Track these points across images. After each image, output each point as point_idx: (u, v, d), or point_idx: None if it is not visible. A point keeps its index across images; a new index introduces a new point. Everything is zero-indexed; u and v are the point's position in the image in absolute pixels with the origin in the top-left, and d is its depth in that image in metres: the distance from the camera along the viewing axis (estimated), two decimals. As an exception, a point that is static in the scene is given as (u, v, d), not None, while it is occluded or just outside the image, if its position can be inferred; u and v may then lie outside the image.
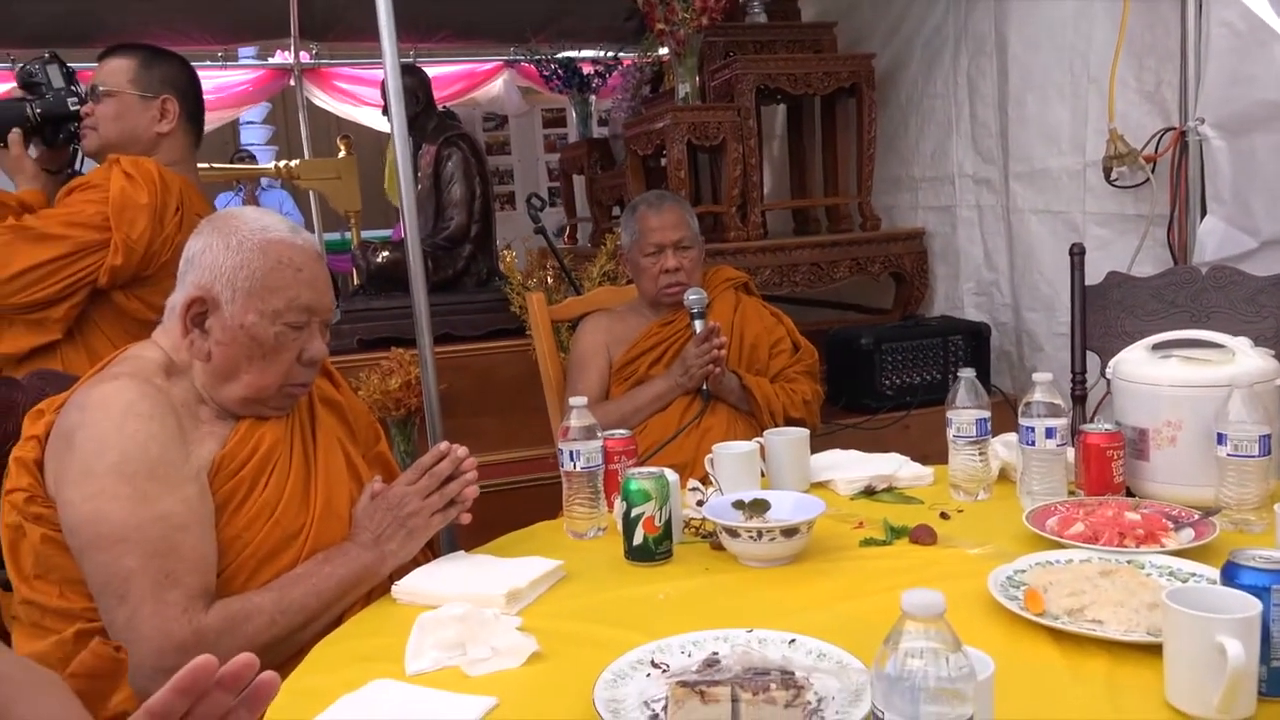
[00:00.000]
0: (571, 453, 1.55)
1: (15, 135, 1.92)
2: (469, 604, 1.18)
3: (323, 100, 5.37)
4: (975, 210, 3.40)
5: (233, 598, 1.25)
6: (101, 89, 2.00)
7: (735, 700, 0.93)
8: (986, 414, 1.60)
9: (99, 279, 1.86)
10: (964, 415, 1.60)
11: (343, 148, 4.77)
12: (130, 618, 1.17)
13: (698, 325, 2.12)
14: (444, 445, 1.44)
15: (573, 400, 1.60)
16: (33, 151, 2.05)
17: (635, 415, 2.14)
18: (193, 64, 2.18)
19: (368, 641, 1.22)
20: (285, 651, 1.26)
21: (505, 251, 3.92)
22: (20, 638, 1.29)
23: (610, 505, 1.59)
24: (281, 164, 4.50)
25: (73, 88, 2.08)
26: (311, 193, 5.05)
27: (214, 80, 4.88)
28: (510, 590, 1.26)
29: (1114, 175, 2.66)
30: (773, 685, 0.93)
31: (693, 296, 2.13)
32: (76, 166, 2.19)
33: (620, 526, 1.49)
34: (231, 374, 1.34)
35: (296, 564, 1.32)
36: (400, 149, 2.26)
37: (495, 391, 3.36)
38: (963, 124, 3.42)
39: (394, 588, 1.33)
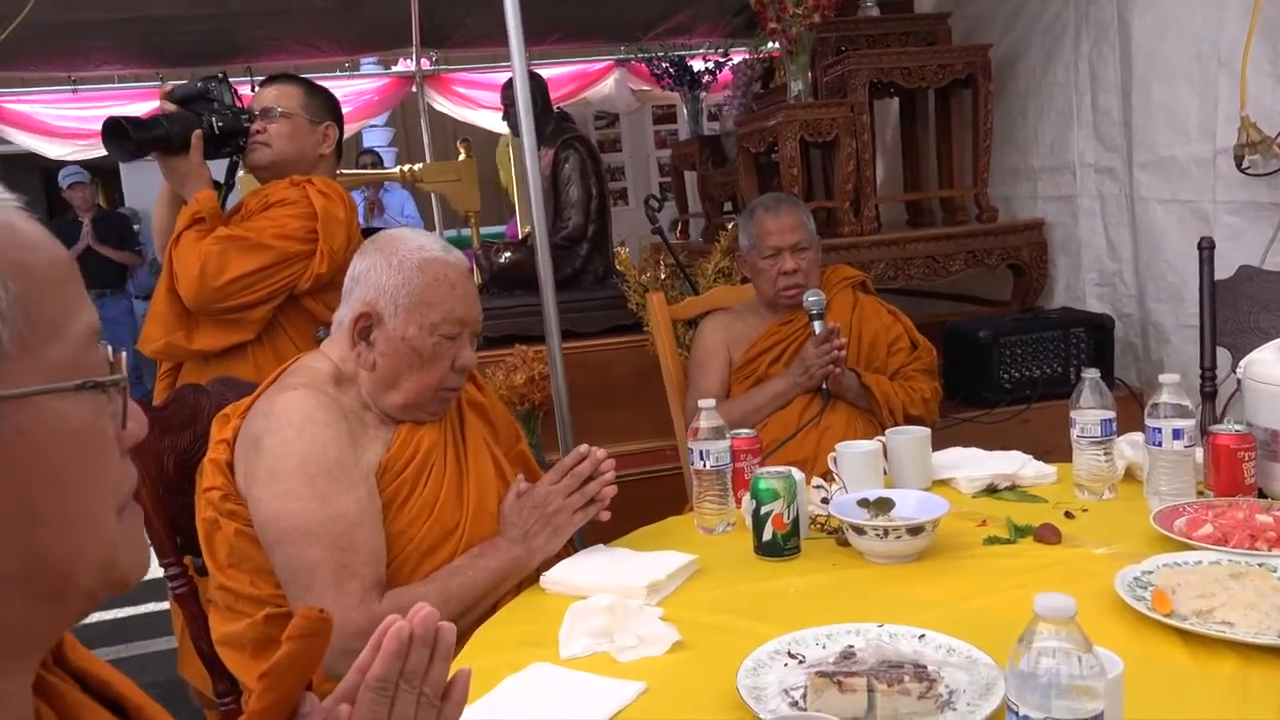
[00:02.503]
0: (702, 452, 1.63)
1: (197, 143, 2.10)
2: (614, 595, 1.28)
3: (443, 105, 5.58)
4: (1097, 200, 3.34)
5: (401, 588, 1.38)
6: (279, 110, 2.18)
7: (871, 691, 1.00)
8: (1111, 414, 1.62)
9: (298, 285, 2.08)
10: (1088, 415, 1.62)
11: (462, 151, 4.96)
12: (315, 605, 1.31)
13: (817, 326, 2.17)
14: (584, 448, 1.54)
15: (702, 403, 1.68)
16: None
17: (756, 414, 2.21)
18: (321, 75, 2.37)
19: (522, 628, 1.33)
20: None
21: (620, 249, 4.03)
22: (216, 619, 1.45)
23: (738, 502, 1.67)
24: (406, 168, 4.70)
25: (239, 106, 2.27)
26: (433, 194, 5.25)
27: (343, 90, 5.11)
28: (651, 582, 1.36)
29: (1246, 164, 2.58)
30: (906, 678, 0.99)
31: (811, 298, 2.19)
32: (234, 180, 2.40)
33: (749, 523, 1.57)
34: (393, 382, 1.47)
35: (454, 558, 1.44)
36: (529, 157, 2.39)
37: (613, 386, 3.47)
38: (1084, 112, 3.35)
39: (542, 578, 1.44)
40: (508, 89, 3.89)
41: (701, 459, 1.63)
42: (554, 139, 3.83)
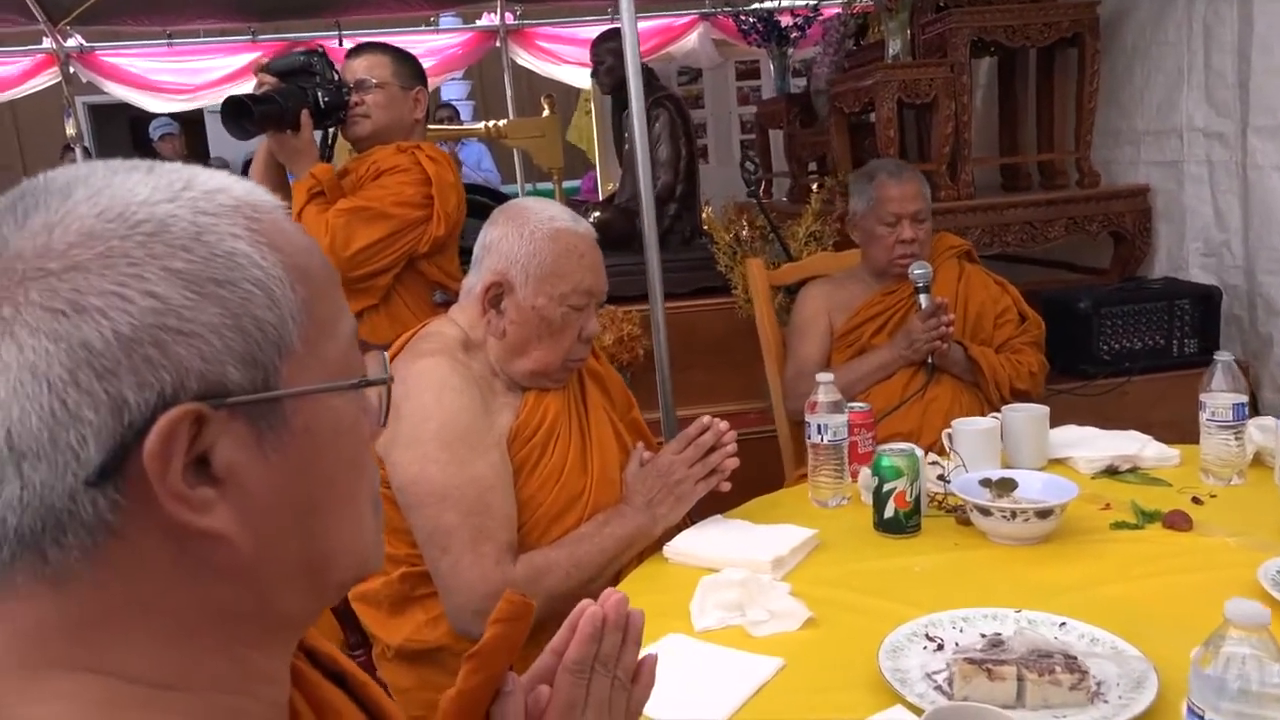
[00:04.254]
0: (820, 426, 1.63)
1: (307, 119, 2.13)
2: (744, 569, 1.30)
3: (526, 60, 5.57)
4: (1205, 166, 3.22)
5: (534, 552, 1.42)
6: (373, 81, 2.21)
7: (1020, 680, 1.00)
8: (1244, 398, 1.58)
9: (417, 249, 2.13)
10: (1220, 399, 1.58)
11: (546, 107, 4.96)
12: (453, 566, 1.35)
13: (923, 300, 2.14)
14: (706, 419, 1.55)
15: (820, 376, 1.68)
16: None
17: (858, 384, 2.20)
18: (403, 31, 2.40)
19: (648, 598, 1.36)
20: (572, 604, 1.42)
21: (705, 208, 4.00)
22: (352, 576, 1.50)
23: (853, 476, 1.67)
24: (490, 124, 4.71)
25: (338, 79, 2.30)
26: (515, 149, 5.26)
27: (425, 45, 5.13)
28: (776, 557, 1.37)
29: (1377, 133, 2.47)
30: (1058, 668, 1.00)
31: (918, 270, 2.16)
32: (332, 151, 2.43)
33: (866, 498, 1.57)
34: (522, 350, 1.49)
35: (579, 524, 1.47)
36: (637, 117, 2.40)
37: (701, 347, 3.47)
38: (1195, 74, 3.22)
39: (665, 548, 1.47)
40: (598, 46, 3.87)
41: (819, 433, 1.63)
42: (644, 97, 3.80)
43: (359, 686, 0.65)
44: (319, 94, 2.17)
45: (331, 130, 2.32)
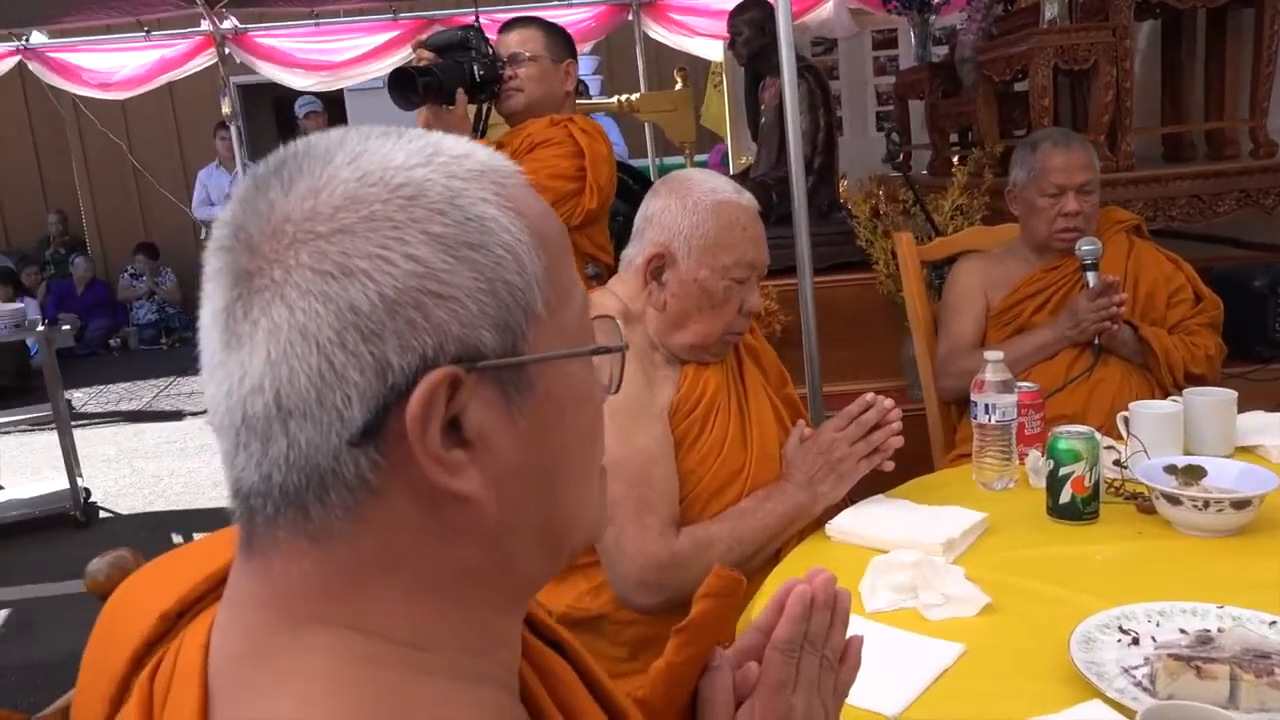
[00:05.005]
0: (987, 406, 1.57)
1: (462, 95, 2.16)
2: (916, 550, 1.26)
3: (658, 33, 5.54)
4: (1399, 133, 2.97)
5: (696, 525, 1.41)
6: (526, 55, 2.22)
7: (1234, 680, 0.94)
8: None
9: (571, 222, 2.15)
10: None
11: (679, 80, 4.93)
12: (617, 537, 1.36)
13: (1091, 278, 2.03)
14: (869, 396, 1.51)
15: (989, 354, 1.62)
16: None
17: (1017, 364, 2.10)
18: (536, 6, 2.40)
19: (811, 575, 1.33)
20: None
21: (841, 181, 3.91)
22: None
23: (1020, 458, 1.60)
24: (623, 98, 4.71)
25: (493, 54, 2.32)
26: (646, 123, 5.25)
27: (560, 20, 5.15)
28: (947, 539, 1.33)
29: None
30: (1277, 669, 0.93)
31: (1086, 246, 2.04)
32: (485, 126, 2.46)
33: (1035, 482, 1.51)
34: (682, 323, 1.48)
35: (739, 499, 1.46)
36: (789, 89, 2.35)
37: (838, 324, 3.40)
38: (1392, 33, 2.96)
39: (827, 526, 1.44)
40: (736, 17, 3.80)
41: (987, 413, 1.57)
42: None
43: (574, 654, 0.65)
44: (474, 68, 2.20)
45: (485, 105, 2.35)
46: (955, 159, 4.12)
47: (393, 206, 0.48)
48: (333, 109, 7.21)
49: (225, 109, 4.81)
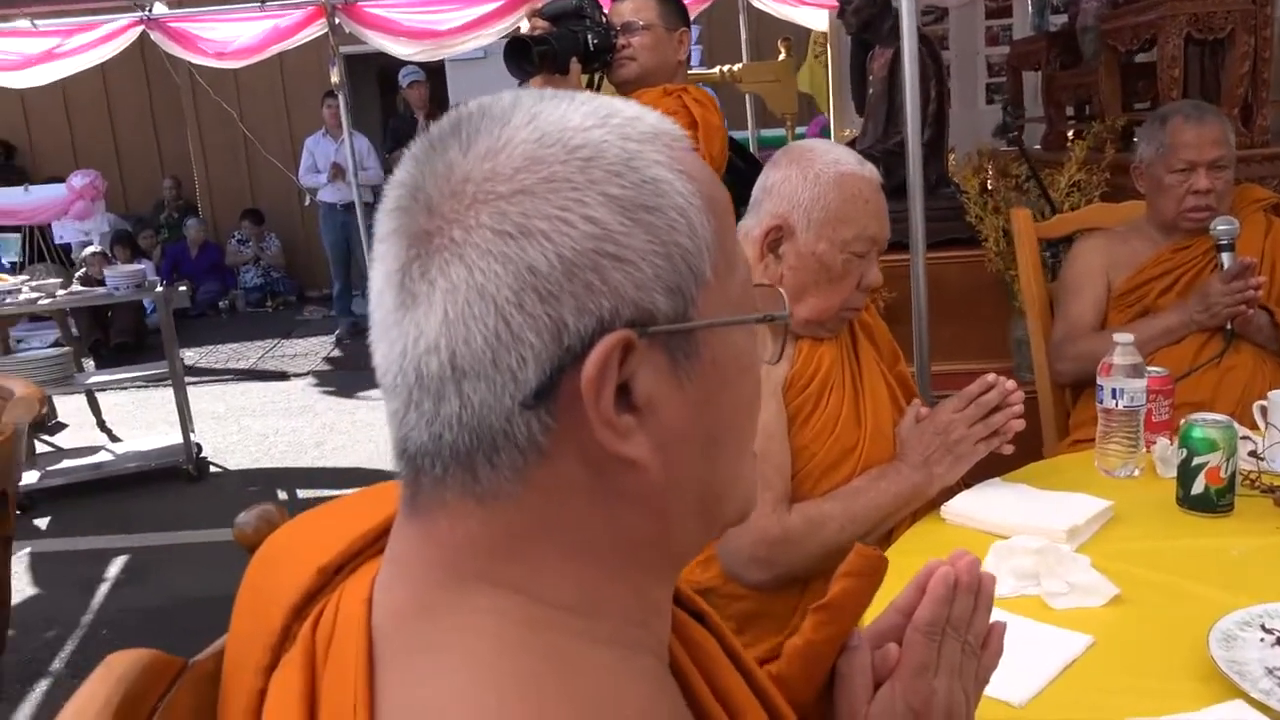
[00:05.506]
0: (1115, 390, 1.51)
1: (576, 65, 2.16)
2: (1037, 536, 1.22)
3: (762, 2, 5.45)
4: None
5: (808, 503, 1.39)
6: (640, 24, 2.20)
7: (1395, 687, 0.88)
8: None
9: None
10: None
11: (783, 50, 4.84)
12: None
13: (1225, 259, 1.93)
14: (990, 377, 1.47)
15: (1118, 336, 1.55)
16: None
17: (1141, 348, 2.01)
18: None
19: (925, 559, 1.30)
20: (841, 560, 1.39)
21: (949, 155, 3.80)
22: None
23: (1146, 446, 1.54)
24: (725, 68, 4.65)
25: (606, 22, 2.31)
26: (747, 94, 5.18)
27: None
28: (1071, 526, 1.29)
29: None
30: None
31: (1222, 226, 1.94)
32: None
33: (1169, 472, 1.45)
34: (799, 297, 1.45)
35: (852, 477, 1.43)
36: (909, 58, 2.28)
37: (944, 301, 3.31)
38: None
39: (943, 509, 1.41)
40: (847, -17, 3.71)
41: (1114, 397, 1.51)
42: (892, 38, 3.63)
43: (715, 626, 0.65)
44: (588, 37, 2.19)
45: (598, 74, 2.34)
46: (1071, 133, 3.97)
47: (571, 168, 0.48)
48: (433, 80, 7.31)
49: (334, 78, 4.91)
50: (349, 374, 6.06)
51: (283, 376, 6.16)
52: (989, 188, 3.44)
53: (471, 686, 0.47)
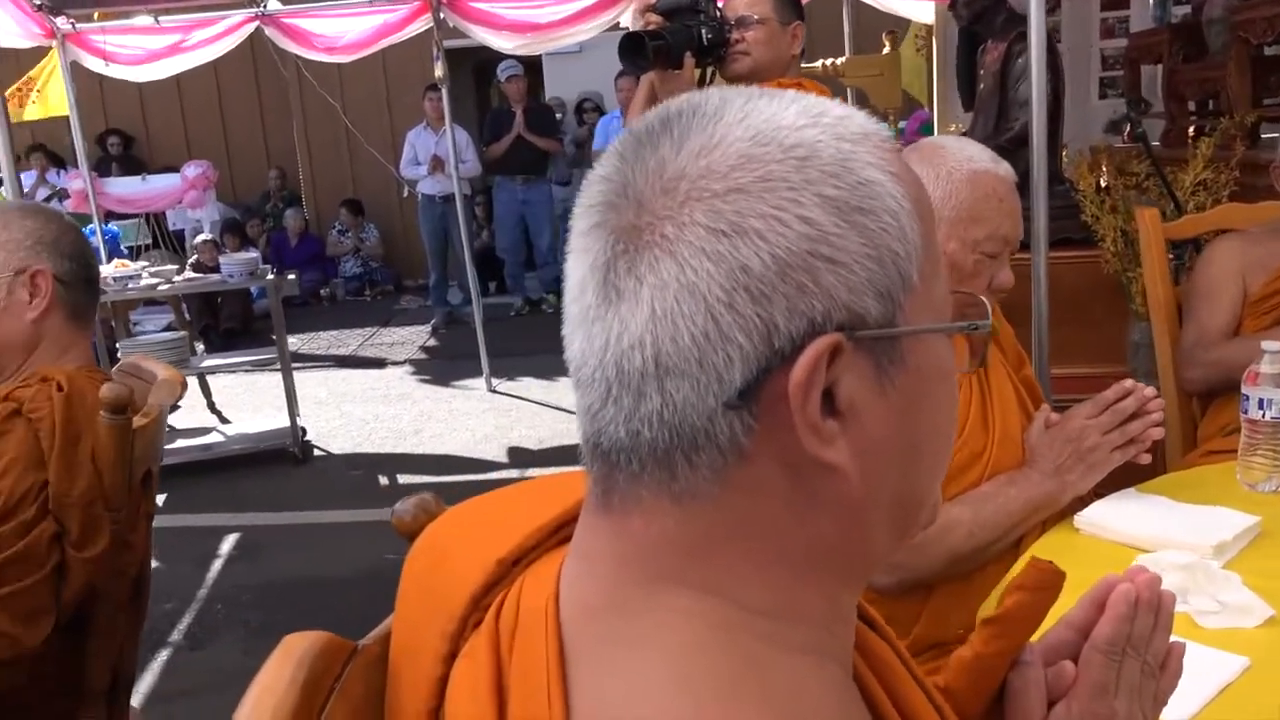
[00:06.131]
0: (1262, 400, 1.44)
1: (689, 58, 2.15)
2: (1180, 551, 1.18)
3: (866, -6, 5.37)
4: None
5: (934, 508, 1.36)
6: (755, 18, 2.19)
7: None
8: None
9: None
10: None
11: (888, 43, 4.77)
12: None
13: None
14: (1128, 383, 1.42)
15: (1268, 345, 1.48)
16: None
17: (1280, 355, 1.93)
18: None
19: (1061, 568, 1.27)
20: (968, 567, 1.36)
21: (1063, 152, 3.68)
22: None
23: (1294, 460, 1.47)
24: (827, 62, 4.60)
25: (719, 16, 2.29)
26: (849, 88, 5.10)
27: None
28: (1219, 542, 1.23)
29: None
30: None
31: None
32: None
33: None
34: (927, 297, 1.42)
35: (979, 483, 1.40)
36: (1036, 51, 2.22)
37: (1057, 303, 3.20)
38: None
39: (1076, 518, 1.36)
40: (960, -27, 3.62)
41: (1260, 408, 1.44)
42: (1006, 31, 3.53)
43: (886, 633, 0.64)
44: (702, 31, 2.18)
45: (710, 68, 2.33)
46: (1192, 130, 3.80)
47: (787, 167, 0.47)
48: (530, 74, 7.40)
49: (438, 72, 4.99)
50: (444, 363, 6.18)
51: (380, 364, 6.32)
52: (1105, 186, 3.32)
53: (668, 686, 0.47)
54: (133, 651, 1.54)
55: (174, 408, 5.00)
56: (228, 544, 3.53)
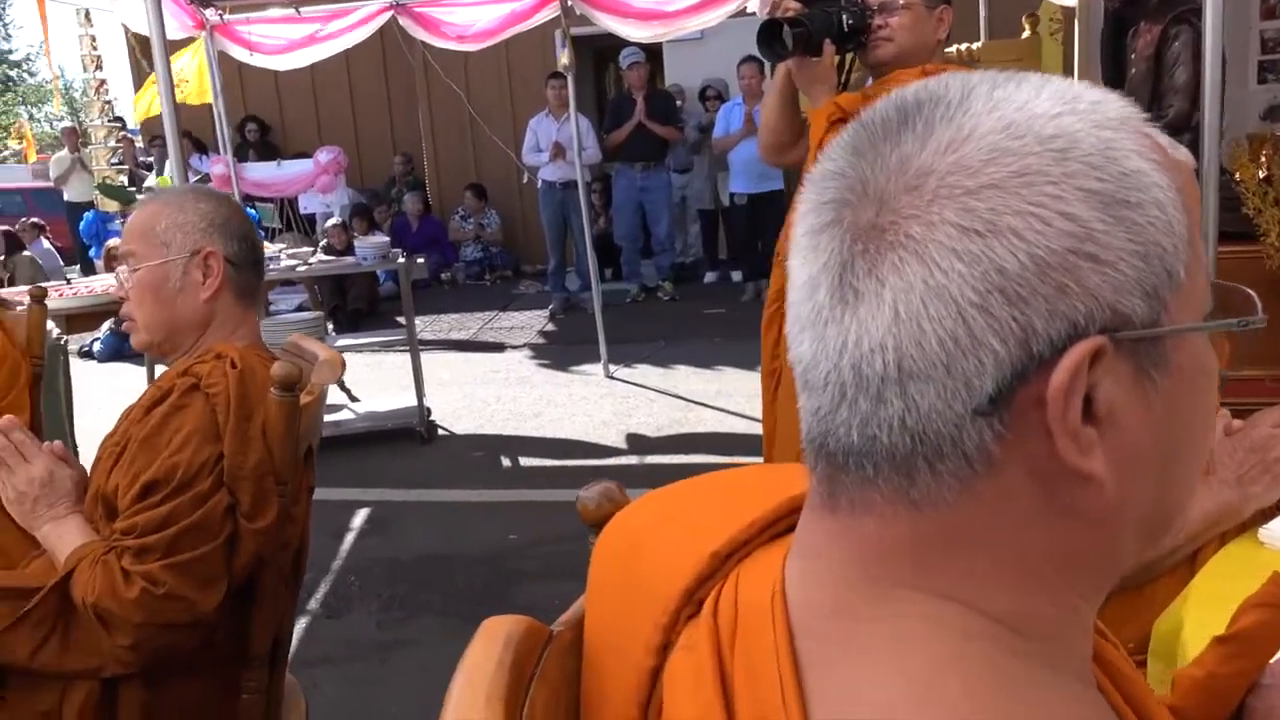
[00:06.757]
0: None
1: (829, 47, 2.11)
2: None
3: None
4: None
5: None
6: (899, 2, 2.12)
7: None
8: None
9: None
10: None
11: (1027, 27, 4.59)
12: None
13: None
14: (1322, 388, 1.32)
15: None
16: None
17: None
18: None
19: (1237, 583, 1.19)
20: (1141, 579, 1.29)
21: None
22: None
23: None
24: (962, 47, 4.46)
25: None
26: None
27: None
28: None
29: None
30: None
31: None
32: (849, 78, 2.38)
33: None
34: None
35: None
36: (1211, 45, 2.10)
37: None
38: None
39: (1262, 531, 1.29)
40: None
41: None
42: (1161, 13, 3.37)
43: (1113, 640, 0.61)
44: (843, 17, 2.13)
45: (850, 55, 2.28)
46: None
47: (1046, 160, 0.45)
48: (650, 61, 7.40)
49: (564, 60, 5.05)
50: (562, 348, 6.26)
51: (499, 348, 6.44)
52: (1267, 176, 3.13)
53: (912, 692, 0.46)
54: (291, 620, 1.60)
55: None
56: (359, 518, 3.65)
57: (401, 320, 6.48)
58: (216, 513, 1.35)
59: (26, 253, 8.58)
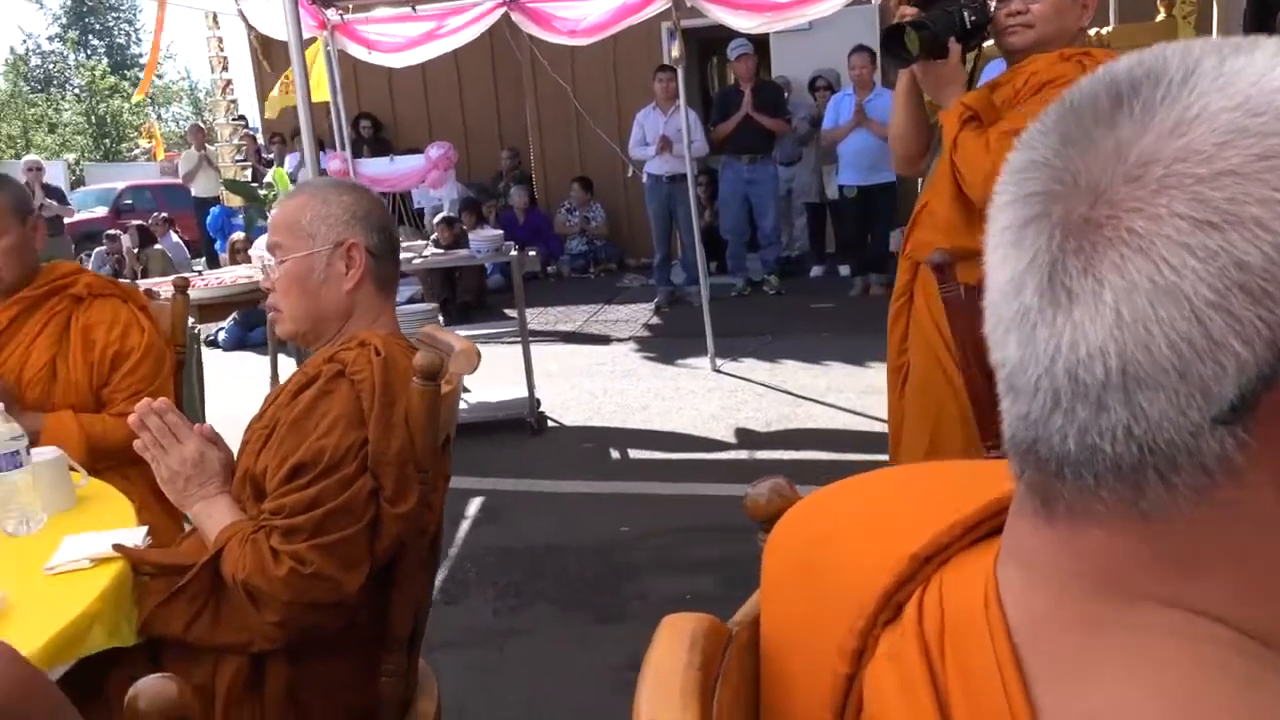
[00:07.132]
0: None
1: (955, 46, 2.03)
2: None
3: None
4: None
5: None
6: None
7: None
8: None
9: None
10: None
11: (1162, 9, 4.38)
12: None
13: None
14: None
15: None
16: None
17: None
18: None
19: None
20: None
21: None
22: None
23: None
24: (1095, 31, 4.27)
25: None
26: (1112, 60, 4.73)
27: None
28: None
29: None
30: None
31: None
32: (978, 74, 2.29)
33: None
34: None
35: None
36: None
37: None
38: None
39: None
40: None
41: None
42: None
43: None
44: (964, 14, 2.06)
45: (975, 51, 2.20)
46: None
47: None
48: (760, 51, 7.33)
49: (675, 53, 5.04)
50: (668, 341, 6.26)
51: (605, 340, 6.48)
52: None
53: (1183, 710, 0.43)
54: (427, 605, 1.63)
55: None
56: (473, 506, 3.72)
57: (509, 312, 6.59)
58: (361, 496, 1.38)
59: (158, 246, 9.03)
